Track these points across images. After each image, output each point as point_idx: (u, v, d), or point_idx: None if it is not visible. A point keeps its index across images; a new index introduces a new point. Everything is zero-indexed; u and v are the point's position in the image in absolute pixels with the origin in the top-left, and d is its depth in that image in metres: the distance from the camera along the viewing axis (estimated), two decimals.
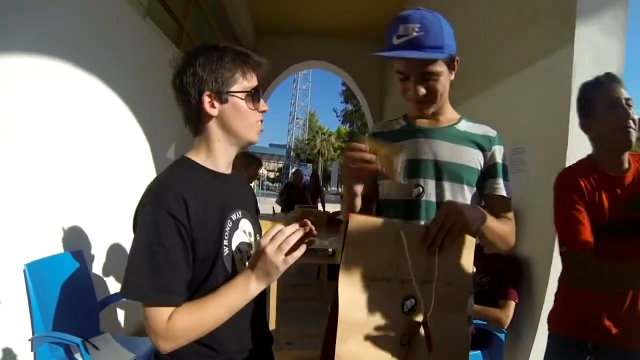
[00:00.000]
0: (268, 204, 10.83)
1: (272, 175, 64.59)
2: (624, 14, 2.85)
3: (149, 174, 4.10)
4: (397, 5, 7.62)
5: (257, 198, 1.65)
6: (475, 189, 1.52)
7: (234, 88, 1.24)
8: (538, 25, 3.24)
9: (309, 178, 11.41)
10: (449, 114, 1.59)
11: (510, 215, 1.54)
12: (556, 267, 2.68)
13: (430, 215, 1.44)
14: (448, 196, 1.45)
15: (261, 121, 1.32)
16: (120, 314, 3.51)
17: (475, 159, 1.51)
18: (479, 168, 1.52)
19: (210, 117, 1.25)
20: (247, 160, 4.78)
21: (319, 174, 10.81)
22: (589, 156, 1.84)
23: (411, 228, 1.23)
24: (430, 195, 1.47)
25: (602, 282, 1.60)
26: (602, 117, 1.71)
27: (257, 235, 1.39)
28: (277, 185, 53.29)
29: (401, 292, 1.18)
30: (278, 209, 8.62)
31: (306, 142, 60.82)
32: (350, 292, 1.14)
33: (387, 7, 7.80)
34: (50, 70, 2.73)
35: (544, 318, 2.70)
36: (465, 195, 1.49)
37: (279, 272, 1.14)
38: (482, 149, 1.53)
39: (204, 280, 1.17)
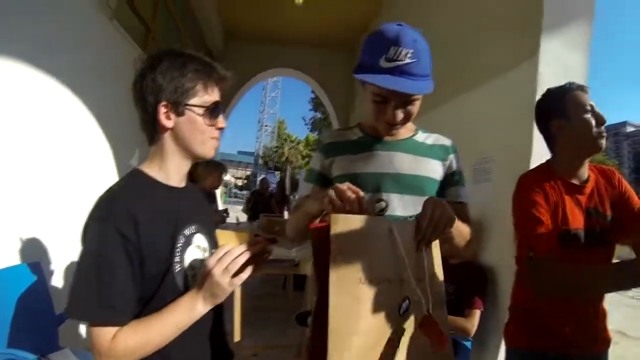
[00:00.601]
0: (235, 212, 10.74)
1: (240, 182, 64.19)
2: (588, 28, 2.94)
3: (111, 180, 3.97)
4: (368, 16, 7.70)
5: (225, 206, 1.67)
6: None
7: (193, 101, 1.21)
8: (504, 37, 3.30)
9: (276, 186, 11.36)
10: (408, 127, 1.57)
11: (468, 220, 1.54)
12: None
13: None
14: (412, 209, 1.43)
15: (217, 138, 1.28)
16: (81, 328, 3.36)
17: (435, 170, 1.53)
18: (439, 179, 1.53)
19: (165, 128, 1.22)
20: (210, 167, 4.70)
21: (287, 182, 10.78)
22: (547, 162, 1.85)
23: (401, 224, 1.20)
24: (395, 209, 1.42)
25: (571, 290, 1.58)
26: (577, 120, 1.70)
27: (213, 250, 1.34)
28: (245, 192, 52.91)
29: (399, 293, 1.14)
30: (244, 217, 8.55)
31: (274, 149, 60.64)
32: (344, 300, 1.06)
33: (358, 16, 7.88)
34: (10, 72, 2.60)
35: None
36: None
37: (226, 293, 1.12)
38: (440, 159, 1.55)
39: (152, 297, 1.13)
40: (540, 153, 2.70)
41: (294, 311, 4.99)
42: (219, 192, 14.35)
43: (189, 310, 1.10)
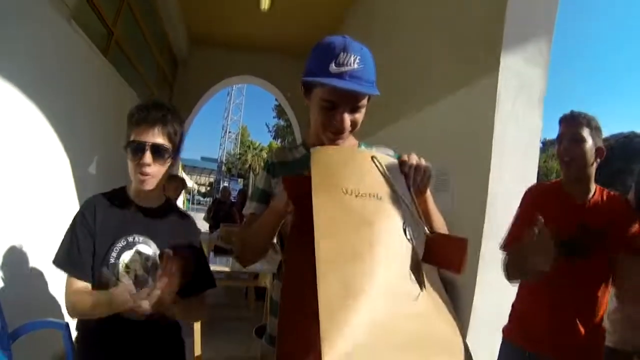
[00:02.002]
0: (198, 220, 10.54)
1: (203, 189, 63.41)
2: (547, 45, 3.03)
3: (68, 189, 3.82)
4: (331, 26, 7.75)
5: (188, 213, 1.83)
6: None
7: (127, 142, 1.57)
8: (465, 53, 3.36)
9: (237, 194, 11.25)
10: (350, 140, 1.54)
11: None
12: (480, 288, 2.80)
13: None
14: None
15: (143, 173, 1.55)
16: (35, 345, 3.16)
17: None
18: None
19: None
20: (169, 180, 4.73)
21: (249, 189, 10.71)
22: (561, 179, 2.07)
23: (381, 156, 1.16)
24: None
25: (521, 267, 1.81)
26: (560, 147, 1.96)
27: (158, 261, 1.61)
28: (208, 199, 52.27)
29: (396, 212, 1.00)
30: (206, 225, 8.41)
31: (238, 156, 60.20)
32: (329, 207, 0.93)
33: (321, 26, 7.91)
34: None
35: (469, 340, 2.75)
36: None
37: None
38: None
39: (95, 274, 1.55)
40: (498, 165, 2.77)
41: (255, 322, 4.99)
42: (180, 198, 14.16)
43: (100, 307, 1.44)
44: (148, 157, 1.53)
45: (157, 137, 1.55)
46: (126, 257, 1.57)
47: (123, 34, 5.51)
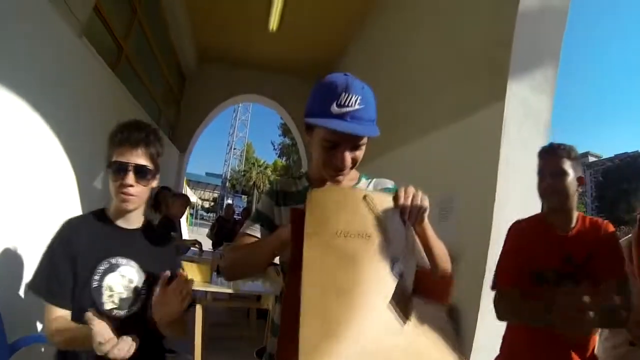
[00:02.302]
0: (201, 235, 10.57)
1: (207, 204, 63.45)
2: (554, 73, 3.04)
3: (72, 203, 3.82)
4: (339, 48, 7.81)
5: (190, 227, 1.84)
6: None
7: (108, 162, 1.57)
8: (472, 80, 3.37)
9: (241, 212, 11.19)
10: (352, 174, 1.55)
11: None
12: (483, 314, 2.75)
13: None
14: None
15: (125, 193, 1.56)
16: (36, 357, 3.15)
17: None
18: None
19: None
20: (175, 197, 4.81)
21: (253, 207, 10.63)
22: (542, 212, 2.10)
23: (375, 193, 1.22)
24: None
25: (520, 317, 1.91)
26: (537, 183, 2.01)
27: (144, 285, 1.62)
28: (212, 215, 52.26)
29: (385, 251, 1.07)
30: (209, 242, 8.37)
31: (242, 173, 60.32)
32: (317, 253, 1.01)
33: (329, 48, 7.97)
34: None
35: None
36: None
37: None
38: None
39: (77, 299, 1.51)
40: (504, 193, 2.75)
41: (257, 341, 4.96)
42: (184, 214, 14.17)
43: (80, 342, 1.40)
44: (131, 177, 1.55)
45: (140, 158, 1.57)
46: (110, 280, 1.55)
47: (132, 49, 5.58)
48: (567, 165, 1.91)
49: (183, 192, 11.05)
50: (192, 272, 3.73)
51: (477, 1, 3.49)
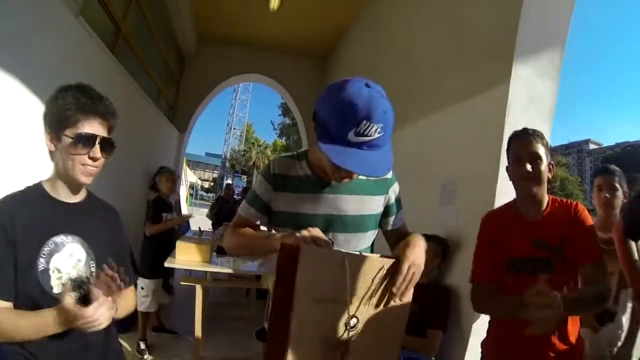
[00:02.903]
0: (201, 215, 10.60)
1: (206, 185, 63.41)
2: (559, 57, 3.00)
3: None
4: (340, 28, 7.73)
5: (190, 207, 1.78)
6: (376, 229, 1.69)
7: (67, 131, 1.41)
8: (477, 62, 3.33)
9: (241, 192, 11.17)
10: None
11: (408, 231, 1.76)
12: None
13: None
14: (354, 245, 1.59)
15: (90, 165, 1.46)
16: None
17: (377, 205, 1.64)
18: (380, 211, 1.67)
19: (50, 152, 1.48)
20: (162, 174, 4.77)
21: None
22: (513, 200, 2.08)
23: (354, 257, 1.30)
24: (341, 246, 1.54)
25: (495, 311, 1.99)
26: (511, 168, 1.99)
27: (92, 262, 1.52)
28: (212, 195, 52.22)
29: (345, 311, 1.25)
30: (209, 222, 8.39)
31: (242, 153, 60.22)
32: (303, 311, 1.19)
33: (330, 28, 7.90)
34: None
35: (471, 348, 2.81)
36: (368, 239, 1.65)
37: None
38: (384, 193, 1.65)
39: (21, 287, 1.34)
40: (506, 179, 2.75)
41: (256, 321, 4.99)
42: (183, 194, 14.07)
43: (44, 327, 1.30)
44: (98, 150, 1.46)
45: (106, 131, 1.51)
46: (57, 260, 1.42)
47: (131, 30, 5.52)
48: (542, 151, 1.89)
49: (182, 172, 11.04)
50: (191, 252, 3.75)
51: None
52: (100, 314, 1.30)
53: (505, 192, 2.76)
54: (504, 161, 2.76)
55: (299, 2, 7.12)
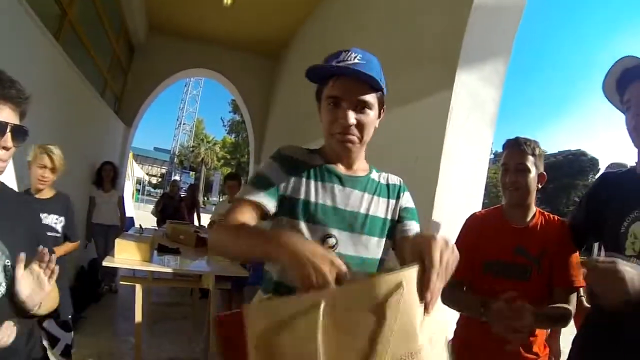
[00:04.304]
0: (146, 211, 10.39)
1: (154, 180, 62.05)
2: (504, 66, 3.09)
3: (8, 176, 3.61)
4: (293, 27, 7.73)
5: (136, 204, 1.65)
6: (385, 240, 1.48)
7: None
8: (422, 66, 3.39)
9: (187, 189, 10.99)
10: (363, 163, 1.57)
11: None
12: None
13: None
14: (363, 250, 1.41)
15: (2, 157, 1.35)
16: None
17: (388, 210, 1.51)
18: (390, 218, 1.51)
19: None
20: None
21: (200, 184, 10.47)
22: (502, 205, 2.14)
23: (341, 291, 0.88)
24: (345, 248, 1.37)
25: (459, 307, 2.02)
26: (500, 176, 2.06)
27: (7, 259, 1.37)
28: (159, 191, 51.19)
29: None
30: (153, 220, 8.19)
31: (191, 149, 59.26)
32: None
33: (282, 27, 7.89)
34: None
35: None
36: (380, 248, 1.46)
37: None
38: (394, 197, 1.56)
39: None
40: (446, 183, 2.81)
41: (199, 321, 4.90)
42: (129, 190, 13.66)
43: None
44: (9, 139, 1.34)
45: (17, 118, 1.38)
46: None
47: (77, 15, 5.29)
48: (531, 162, 1.95)
49: (128, 167, 10.74)
50: (130, 250, 3.62)
51: None
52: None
53: (444, 196, 2.82)
54: (445, 165, 2.83)
55: None
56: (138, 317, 3.60)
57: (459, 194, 2.88)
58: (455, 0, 3.10)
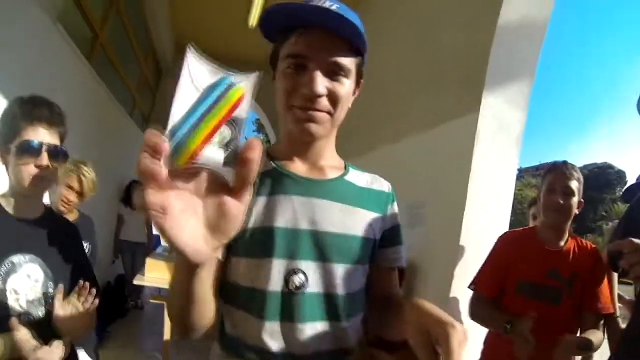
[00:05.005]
0: None
1: None
2: (528, 87, 3.08)
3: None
4: None
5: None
6: (367, 265, 1.09)
7: (15, 142, 1.35)
8: (447, 89, 3.39)
9: None
10: (335, 158, 1.14)
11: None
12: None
13: (314, 315, 0.97)
14: (339, 285, 1.00)
15: (37, 175, 1.37)
16: None
17: (372, 226, 1.08)
18: (375, 237, 1.09)
19: (5, 166, 1.40)
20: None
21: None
22: (535, 226, 2.19)
23: None
24: (315, 284, 0.98)
25: (487, 324, 2.06)
26: (543, 197, 2.06)
27: (50, 282, 1.43)
28: None
29: None
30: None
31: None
32: None
33: None
34: None
35: None
36: (360, 279, 1.07)
37: None
38: (379, 210, 1.12)
39: None
40: (473, 205, 2.79)
41: None
42: None
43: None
44: (45, 158, 1.37)
45: (53, 138, 1.43)
46: (14, 282, 1.34)
47: (109, 38, 5.45)
48: (575, 187, 1.98)
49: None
50: (160, 270, 3.67)
51: (456, 10, 3.51)
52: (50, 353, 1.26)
53: (472, 217, 2.80)
54: (472, 187, 2.82)
55: None
56: (167, 334, 3.64)
57: (486, 216, 2.87)
58: (479, 20, 3.11)
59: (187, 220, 0.52)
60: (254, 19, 6.98)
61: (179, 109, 0.54)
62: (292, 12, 0.93)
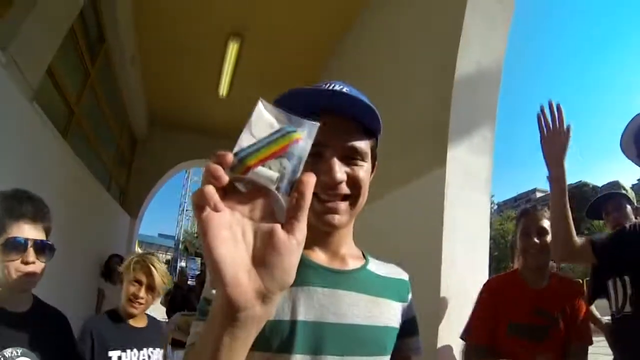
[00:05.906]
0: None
1: None
2: (491, 132, 3.18)
3: None
4: None
5: None
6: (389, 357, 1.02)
7: (0, 239, 1.36)
8: (416, 147, 3.46)
9: (195, 278, 10.82)
10: (353, 248, 1.11)
11: None
12: None
13: None
14: None
15: (25, 271, 1.39)
16: None
17: (396, 316, 1.04)
18: (398, 327, 1.05)
19: None
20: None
21: (207, 273, 10.38)
22: (518, 269, 2.26)
23: None
24: None
25: None
26: (520, 241, 2.17)
27: None
28: None
29: None
30: (161, 310, 8.07)
31: (195, 234, 58.87)
32: None
33: None
34: None
35: None
36: None
37: None
38: (400, 299, 1.09)
39: None
40: (450, 259, 2.82)
41: None
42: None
43: None
44: (31, 254, 1.40)
45: (39, 233, 1.46)
46: None
47: (84, 113, 5.52)
48: (548, 225, 2.08)
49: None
50: None
51: (418, 68, 3.64)
52: None
53: (450, 267, 2.83)
54: (447, 238, 2.85)
55: (248, 88, 7.28)
56: None
57: (464, 264, 2.88)
58: (438, 76, 3.24)
59: (233, 236, 0.47)
60: (223, 89, 7.15)
61: (247, 138, 0.57)
62: (306, 99, 0.92)
